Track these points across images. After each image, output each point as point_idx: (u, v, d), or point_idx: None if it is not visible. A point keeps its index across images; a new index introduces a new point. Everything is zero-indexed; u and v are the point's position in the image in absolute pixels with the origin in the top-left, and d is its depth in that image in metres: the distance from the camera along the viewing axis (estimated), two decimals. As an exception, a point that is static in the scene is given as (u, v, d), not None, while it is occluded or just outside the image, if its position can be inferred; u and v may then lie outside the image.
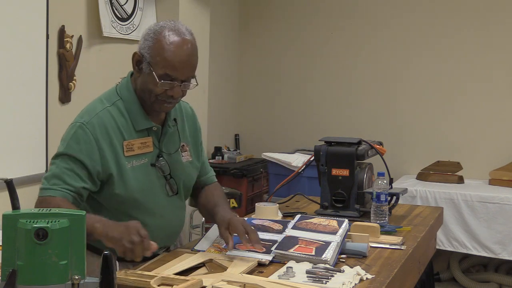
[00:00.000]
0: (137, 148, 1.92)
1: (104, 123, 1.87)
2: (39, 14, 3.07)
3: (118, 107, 1.92)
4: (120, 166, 1.88)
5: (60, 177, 1.82)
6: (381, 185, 2.35)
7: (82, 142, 1.84)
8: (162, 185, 1.99)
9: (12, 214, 1.24)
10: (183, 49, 1.85)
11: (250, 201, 4.64)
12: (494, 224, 3.99)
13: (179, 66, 1.85)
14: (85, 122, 1.87)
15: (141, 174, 1.93)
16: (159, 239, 1.94)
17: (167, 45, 1.84)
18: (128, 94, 1.95)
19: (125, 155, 1.89)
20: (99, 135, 1.86)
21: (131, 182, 1.89)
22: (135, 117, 1.93)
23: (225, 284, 1.59)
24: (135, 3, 3.84)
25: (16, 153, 2.97)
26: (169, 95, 1.88)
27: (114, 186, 1.88)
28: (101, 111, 1.90)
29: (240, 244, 1.95)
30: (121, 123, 1.91)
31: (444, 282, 4.54)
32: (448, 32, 4.68)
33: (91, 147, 1.84)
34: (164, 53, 1.84)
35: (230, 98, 5.33)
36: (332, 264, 1.82)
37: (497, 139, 4.57)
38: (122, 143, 1.89)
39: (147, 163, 1.94)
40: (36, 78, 3.08)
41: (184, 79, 1.88)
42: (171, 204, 2.03)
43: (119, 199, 1.90)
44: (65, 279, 1.22)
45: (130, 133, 1.92)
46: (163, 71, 1.85)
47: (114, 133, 1.88)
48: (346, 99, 5.04)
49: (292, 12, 5.19)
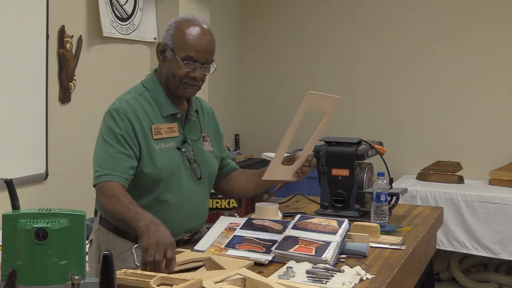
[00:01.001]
0: (164, 132, 2.08)
1: (134, 109, 2.05)
2: (39, 14, 3.07)
3: (145, 97, 2.10)
4: (150, 147, 2.04)
5: (112, 163, 1.98)
6: (381, 185, 2.35)
7: (120, 122, 2.02)
8: (187, 169, 2.13)
9: (12, 214, 1.24)
10: (202, 34, 2.06)
11: (250, 201, 4.64)
12: (494, 224, 3.99)
13: (200, 48, 2.04)
14: (118, 107, 2.05)
15: (168, 156, 2.07)
16: (186, 220, 2.14)
17: (188, 30, 2.05)
18: (153, 85, 2.13)
19: (153, 137, 2.05)
20: (131, 118, 2.03)
21: (160, 162, 2.04)
22: (161, 105, 2.10)
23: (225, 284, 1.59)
24: (135, 3, 3.84)
25: (16, 153, 2.97)
26: (191, 76, 2.05)
27: (144, 166, 2.03)
28: (130, 99, 2.08)
29: (240, 244, 1.95)
30: (149, 110, 2.08)
31: (444, 282, 4.54)
32: (448, 32, 4.68)
33: (127, 126, 2.02)
34: (185, 37, 2.04)
35: (230, 98, 5.33)
36: (332, 264, 1.82)
37: (497, 139, 4.57)
38: (151, 127, 2.06)
39: (173, 147, 2.10)
40: (36, 78, 3.08)
41: (204, 62, 2.06)
42: (196, 189, 2.16)
43: (148, 178, 2.04)
44: (65, 279, 1.22)
45: (158, 119, 2.08)
46: (185, 53, 2.04)
47: (143, 117, 2.05)
48: (346, 99, 5.01)
49: (292, 12, 5.19)
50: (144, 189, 2.07)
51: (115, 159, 1.98)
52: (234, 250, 1.93)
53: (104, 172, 1.97)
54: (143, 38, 3.96)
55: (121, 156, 1.99)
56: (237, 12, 5.37)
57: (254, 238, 2.01)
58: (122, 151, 1.99)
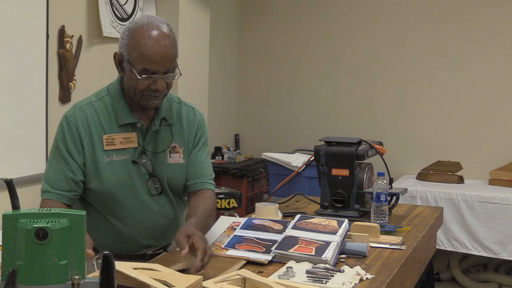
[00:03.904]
0: (118, 143, 1.93)
1: (86, 116, 1.93)
2: (39, 14, 3.07)
3: (104, 102, 1.96)
4: (96, 160, 1.91)
5: (54, 179, 1.90)
6: (381, 185, 2.35)
7: (67, 133, 1.91)
8: (144, 183, 1.98)
9: (12, 214, 1.23)
10: (158, 42, 1.85)
11: (250, 201, 4.65)
12: (494, 224, 4.00)
13: (156, 59, 1.84)
14: (69, 115, 1.94)
15: (120, 169, 1.94)
16: (143, 237, 2.00)
17: (142, 40, 1.84)
18: (115, 90, 1.98)
19: (104, 148, 1.91)
20: (80, 127, 1.91)
21: (107, 176, 1.92)
22: (119, 112, 1.95)
23: (225, 284, 1.59)
24: (135, 3, 3.84)
25: (16, 153, 2.97)
26: (153, 89, 1.88)
27: (89, 181, 1.92)
28: (85, 105, 1.95)
29: (240, 244, 1.95)
30: (104, 117, 1.94)
31: (444, 282, 4.54)
32: (448, 32, 4.68)
33: (74, 138, 1.91)
34: (140, 48, 1.84)
35: (230, 98, 5.33)
36: (332, 264, 1.82)
37: (497, 139, 4.57)
38: (102, 136, 1.92)
39: (128, 159, 1.95)
40: (36, 78, 3.08)
41: (164, 71, 1.87)
42: (155, 203, 2.01)
43: (95, 193, 1.93)
44: (65, 279, 1.22)
45: (112, 128, 1.94)
46: (142, 66, 1.85)
47: (94, 126, 1.92)
48: (346, 99, 5.04)
49: (292, 12, 5.19)
50: (93, 204, 1.97)
51: (57, 175, 1.90)
52: (234, 250, 1.93)
53: (46, 188, 1.90)
54: (143, 38, 3.96)
55: (63, 171, 1.89)
56: (237, 12, 5.37)
57: (254, 238, 2.01)
58: (64, 167, 1.90)
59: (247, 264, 1.83)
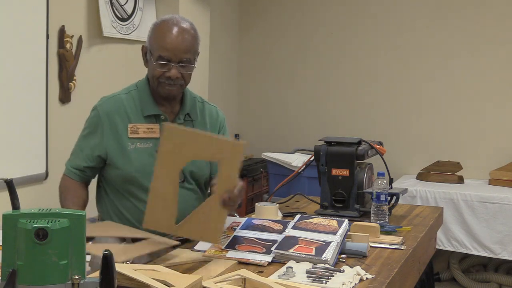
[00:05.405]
0: (142, 132, 2.10)
1: (113, 107, 2.12)
2: (39, 14, 3.07)
3: (132, 95, 2.15)
4: (121, 146, 2.09)
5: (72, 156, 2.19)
6: (381, 185, 2.35)
7: (92, 122, 2.14)
8: None
9: (12, 214, 1.24)
10: (176, 33, 2.05)
11: (250, 201, 4.64)
12: (494, 224, 3.99)
13: (170, 47, 2.04)
14: (98, 105, 2.16)
15: (144, 155, 2.10)
16: None
17: (162, 31, 2.07)
18: (143, 84, 2.17)
19: (129, 136, 2.09)
20: (105, 116, 2.11)
21: (131, 161, 2.08)
22: (145, 104, 2.13)
23: (225, 284, 1.59)
24: (135, 3, 3.84)
25: (16, 153, 2.97)
26: (167, 76, 2.06)
27: (115, 164, 2.10)
28: (113, 97, 2.16)
29: (240, 245, 1.95)
30: (130, 108, 2.12)
31: (444, 282, 4.54)
32: (448, 32, 4.68)
33: (96, 127, 2.12)
34: (158, 37, 2.07)
35: (230, 98, 5.33)
36: (332, 264, 1.82)
37: (497, 139, 4.57)
38: (127, 125, 2.10)
39: (152, 148, 2.10)
40: (36, 78, 3.08)
41: (179, 61, 2.05)
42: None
43: (119, 176, 2.11)
44: (65, 279, 1.22)
45: (138, 118, 2.12)
46: (157, 54, 2.05)
47: (120, 116, 2.11)
48: (346, 99, 5.04)
49: (292, 12, 5.19)
50: (121, 188, 2.13)
51: (76, 153, 2.18)
52: (234, 251, 1.93)
53: (67, 164, 2.20)
54: (143, 38, 3.96)
55: (83, 149, 2.15)
56: (237, 12, 5.37)
57: (254, 238, 2.01)
58: (83, 147, 2.15)
59: (247, 264, 1.83)
